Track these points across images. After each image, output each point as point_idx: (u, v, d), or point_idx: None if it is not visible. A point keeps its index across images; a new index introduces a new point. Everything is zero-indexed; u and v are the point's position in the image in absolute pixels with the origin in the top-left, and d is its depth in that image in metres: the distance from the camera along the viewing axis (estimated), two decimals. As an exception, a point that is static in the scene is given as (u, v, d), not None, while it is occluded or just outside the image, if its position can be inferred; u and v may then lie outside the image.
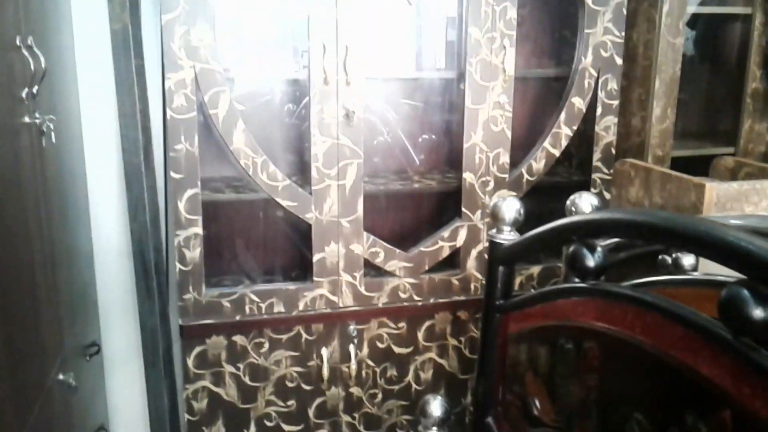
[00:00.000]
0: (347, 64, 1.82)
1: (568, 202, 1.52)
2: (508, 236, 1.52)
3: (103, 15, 1.82)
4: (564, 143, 2.09)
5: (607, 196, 2.16)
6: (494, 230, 1.54)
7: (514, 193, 2.03)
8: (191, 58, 1.73)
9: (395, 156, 2.22)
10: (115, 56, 1.83)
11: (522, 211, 1.55)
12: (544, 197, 2.12)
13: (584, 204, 1.49)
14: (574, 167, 2.26)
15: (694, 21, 2.14)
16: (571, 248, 1.18)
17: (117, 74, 1.83)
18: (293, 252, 2.13)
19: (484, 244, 2.04)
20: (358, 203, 1.91)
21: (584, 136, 2.14)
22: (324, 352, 1.98)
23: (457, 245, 2.03)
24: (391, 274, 1.99)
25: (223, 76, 1.77)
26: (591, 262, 1.10)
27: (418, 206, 2.26)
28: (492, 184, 2.03)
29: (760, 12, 2.14)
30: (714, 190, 1.24)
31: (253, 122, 1.86)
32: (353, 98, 1.84)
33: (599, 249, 1.15)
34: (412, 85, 2.20)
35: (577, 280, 1.17)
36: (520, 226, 1.53)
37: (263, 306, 1.90)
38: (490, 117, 1.98)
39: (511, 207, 1.55)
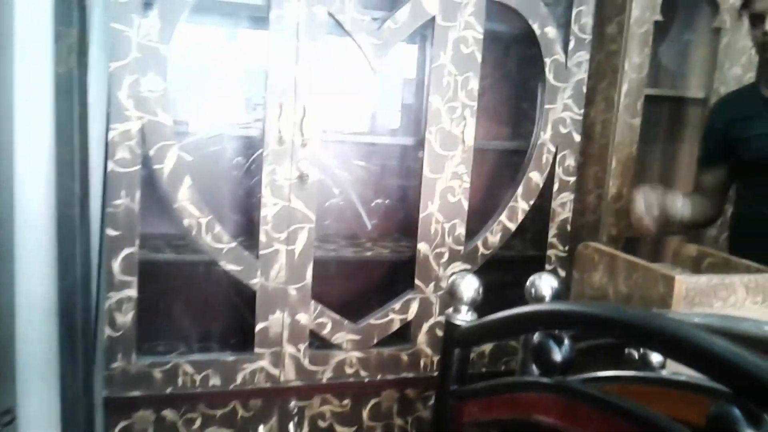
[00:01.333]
0: (304, 124, 1.75)
1: (527, 283, 1.46)
2: (465, 317, 1.44)
3: (49, 57, 1.71)
4: (520, 218, 2.05)
5: (562, 273, 2.12)
6: (451, 309, 1.46)
7: (469, 266, 1.97)
8: (139, 109, 1.63)
9: (348, 220, 2.14)
10: (57, 101, 1.71)
11: (481, 291, 1.48)
12: (497, 271, 2.06)
13: (544, 286, 1.43)
14: (529, 242, 2.22)
15: (651, 102, 2.15)
16: (536, 339, 1.11)
17: (57, 120, 1.72)
18: (235, 319, 2.00)
19: (436, 318, 1.96)
20: (307, 270, 1.81)
21: (540, 211, 2.11)
22: (261, 430, 1.84)
23: (409, 318, 1.95)
24: (338, 347, 1.88)
25: (172, 129, 1.67)
26: (557, 356, 1.02)
27: (370, 275, 2.18)
28: (447, 255, 1.96)
29: (714, 97, 2.17)
30: (683, 283, 1.19)
31: (200, 178, 1.76)
32: (308, 160, 1.77)
33: (567, 342, 1.08)
34: (369, 149, 2.14)
35: (538, 371, 1.10)
36: (479, 305, 1.46)
37: (198, 378, 1.76)
38: (447, 187, 1.93)
39: (470, 286, 1.47)
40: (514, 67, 2.20)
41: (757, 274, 1.29)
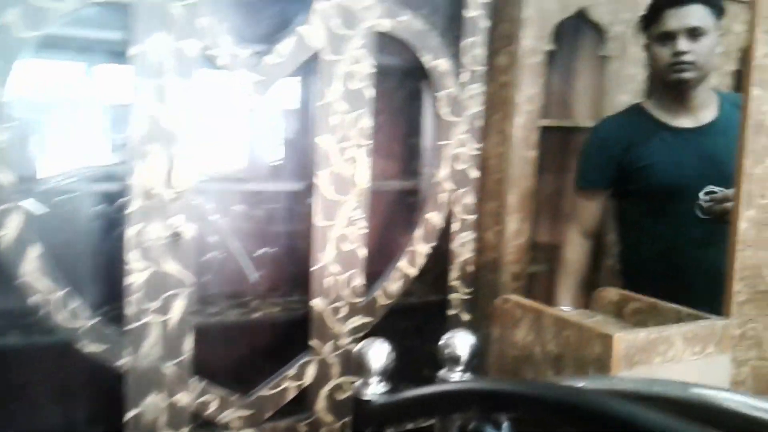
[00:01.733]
0: (174, 174, 1.52)
1: (442, 342, 1.31)
2: (377, 389, 1.26)
3: None
4: (420, 262, 1.90)
5: (466, 317, 2.00)
6: (359, 382, 1.27)
7: (370, 319, 1.79)
8: (-33, 168, 1.34)
9: (230, 276, 1.91)
10: None
11: (393, 356, 1.31)
12: (397, 319, 1.91)
13: (461, 345, 1.28)
14: (430, 286, 2.08)
15: (543, 133, 2.08)
16: (472, 425, 0.96)
17: None
18: (99, 409, 1.71)
19: (336, 381, 1.77)
20: (185, 342, 1.57)
21: (440, 253, 1.97)
22: None
23: (305, 384, 1.74)
24: (226, 426, 1.64)
25: (15, 187, 1.38)
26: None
27: (259, 338, 1.95)
28: (345, 310, 1.78)
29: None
30: (622, 341, 1.08)
31: (52, 239, 1.47)
32: (182, 214, 1.53)
33: (506, 425, 0.93)
34: (253, 196, 1.92)
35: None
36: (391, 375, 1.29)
37: (57, 483, 1.48)
38: (341, 235, 1.75)
39: (379, 353, 1.29)
40: (408, 101, 2.06)
41: (694, 322, 1.20)
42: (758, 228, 1.24)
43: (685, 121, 1.78)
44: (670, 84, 1.74)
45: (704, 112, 1.78)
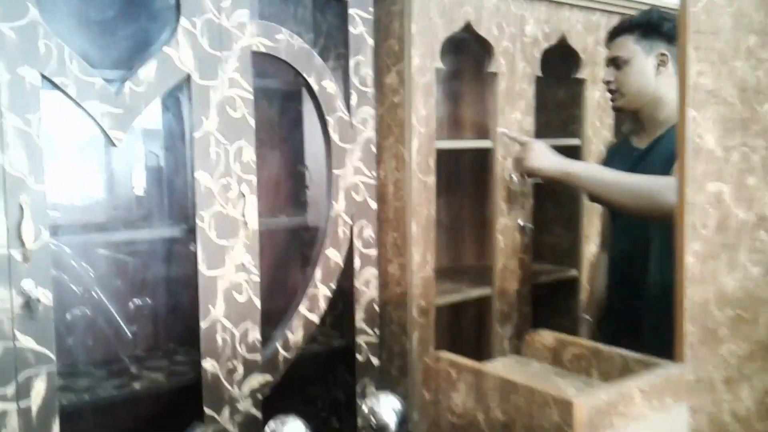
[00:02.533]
0: (24, 227, 1.26)
1: (365, 409, 1.13)
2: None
3: None
4: (323, 305, 1.71)
5: (375, 362, 1.82)
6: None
7: (270, 378, 1.58)
8: None
9: (102, 339, 1.64)
10: None
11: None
12: (301, 372, 1.71)
13: (386, 411, 1.11)
14: (334, 329, 1.89)
15: (441, 155, 1.96)
16: None
17: None
18: None
19: (237, 452, 1.53)
20: (52, 430, 1.29)
21: (343, 293, 1.79)
22: None
23: (202, 460, 1.50)
24: None
25: None
26: None
27: (143, 412, 1.68)
28: (241, 369, 1.55)
29: (500, 146, 2.05)
30: (584, 407, 0.93)
31: None
32: (36, 276, 1.27)
33: None
34: (125, 246, 1.67)
35: None
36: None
37: None
38: (232, 284, 1.53)
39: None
40: (294, 128, 1.88)
41: (649, 372, 1.08)
42: (703, 261, 1.15)
43: (638, 142, 1.84)
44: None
45: (656, 133, 1.79)
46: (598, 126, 2.29)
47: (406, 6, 1.78)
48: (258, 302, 1.57)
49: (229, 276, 1.52)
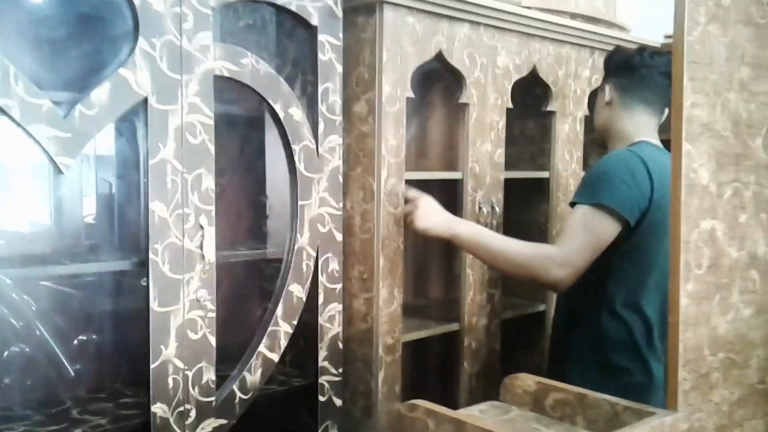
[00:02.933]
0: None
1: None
2: None
3: None
4: (284, 343, 1.62)
5: (338, 402, 1.73)
6: None
7: (225, 421, 1.48)
8: None
9: (41, 376, 1.52)
10: None
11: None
12: (259, 414, 1.61)
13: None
14: (295, 368, 1.80)
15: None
16: None
17: None
18: None
19: (187, 504, 1.42)
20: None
21: (306, 330, 1.70)
22: None
23: None
24: None
25: None
26: None
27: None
28: (193, 414, 1.45)
29: (471, 177, 1.99)
30: None
31: None
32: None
33: None
34: (70, 279, 1.56)
35: None
36: None
37: None
38: (186, 321, 1.43)
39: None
40: (257, 157, 1.80)
41: (642, 423, 1.02)
42: (697, 303, 1.09)
43: None
44: None
45: None
46: (567, 159, 2.25)
47: (378, 34, 1.72)
48: (213, 340, 1.47)
49: (183, 312, 1.42)
